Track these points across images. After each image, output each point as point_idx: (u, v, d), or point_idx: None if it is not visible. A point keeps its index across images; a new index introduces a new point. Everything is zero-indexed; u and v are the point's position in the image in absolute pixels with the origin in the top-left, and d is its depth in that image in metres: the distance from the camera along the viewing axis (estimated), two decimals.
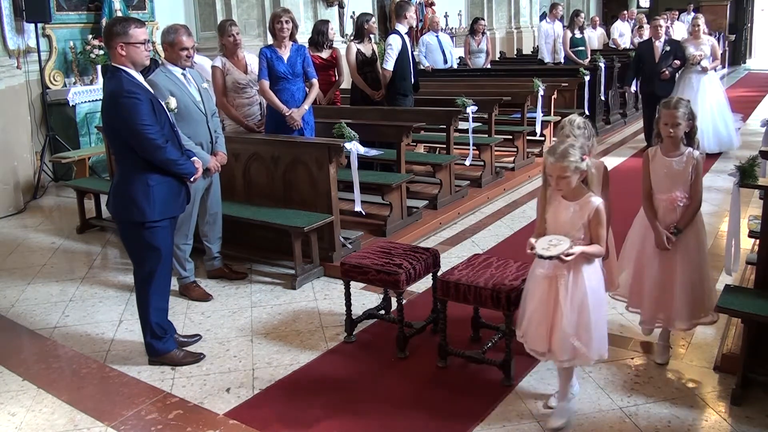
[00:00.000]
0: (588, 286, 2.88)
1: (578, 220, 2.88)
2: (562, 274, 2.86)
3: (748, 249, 4.44)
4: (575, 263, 2.85)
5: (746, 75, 18.47)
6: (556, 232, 2.90)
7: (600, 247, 2.89)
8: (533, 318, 2.96)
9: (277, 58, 5.36)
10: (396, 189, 5.58)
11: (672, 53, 8.31)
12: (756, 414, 2.99)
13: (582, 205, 2.89)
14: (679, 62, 8.25)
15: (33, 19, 7.42)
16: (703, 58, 8.23)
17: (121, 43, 3.33)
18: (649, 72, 8.39)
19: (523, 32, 16.69)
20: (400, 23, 6.92)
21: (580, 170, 2.85)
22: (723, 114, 8.41)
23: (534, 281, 3.00)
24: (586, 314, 2.86)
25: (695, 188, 3.29)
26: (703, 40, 8.40)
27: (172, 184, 3.50)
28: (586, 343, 2.86)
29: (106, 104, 3.43)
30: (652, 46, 8.47)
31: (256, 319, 4.19)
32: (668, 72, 8.22)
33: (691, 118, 3.31)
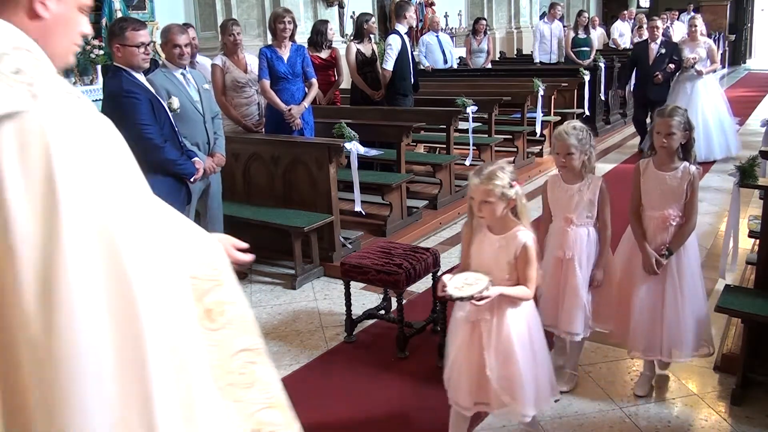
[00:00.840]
0: (515, 333, 2.53)
1: (503, 258, 2.54)
2: (484, 318, 2.54)
3: (748, 249, 4.44)
4: (499, 307, 2.53)
5: (746, 75, 18.47)
6: (480, 269, 2.55)
7: (527, 290, 2.54)
8: (455, 366, 2.63)
9: (277, 58, 5.36)
10: (396, 189, 5.58)
11: (667, 56, 7.94)
12: (756, 414, 2.99)
13: (509, 240, 2.53)
14: (674, 66, 7.87)
15: None
16: (697, 61, 7.83)
17: (117, 44, 3.35)
18: (643, 75, 8.12)
19: (523, 32, 16.68)
20: (400, 23, 6.92)
21: (507, 197, 2.49)
22: (721, 120, 8.01)
23: (455, 324, 2.65)
24: (513, 366, 2.52)
25: (690, 206, 3.00)
26: (699, 42, 8.01)
27: (171, 184, 3.51)
28: (518, 398, 2.53)
29: (106, 103, 3.44)
30: (647, 47, 8.17)
31: (256, 319, 4.17)
32: (661, 76, 7.86)
33: (688, 129, 3.02)
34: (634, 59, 8.46)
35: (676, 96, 7.81)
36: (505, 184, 2.48)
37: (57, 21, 1.35)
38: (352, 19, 8.83)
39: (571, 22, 12.06)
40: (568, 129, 3.01)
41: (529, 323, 2.61)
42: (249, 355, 1.55)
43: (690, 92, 7.87)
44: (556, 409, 3.07)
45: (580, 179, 3.07)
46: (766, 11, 23.61)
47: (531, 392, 2.56)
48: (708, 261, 4.77)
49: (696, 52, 7.84)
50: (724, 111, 8.08)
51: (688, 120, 3.03)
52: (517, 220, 2.57)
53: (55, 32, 1.36)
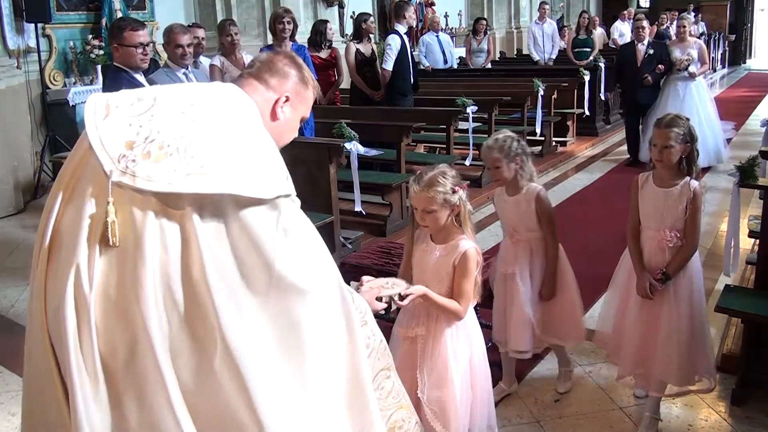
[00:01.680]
0: (451, 354, 2.36)
1: (443, 269, 2.37)
2: (420, 334, 2.40)
3: (748, 249, 4.44)
4: (437, 323, 2.38)
5: (746, 75, 18.47)
6: (422, 281, 2.37)
7: (456, 305, 2.33)
8: None
9: None
10: (396, 189, 5.58)
11: (656, 57, 7.49)
12: (756, 414, 2.99)
13: (449, 250, 2.37)
14: (664, 67, 7.45)
15: (33, 19, 7.42)
16: (690, 62, 7.40)
17: (116, 43, 3.35)
18: (631, 78, 7.62)
19: (523, 32, 16.67)
20: (400, 23, 6.92)
21: (450, 204, 2.34)
22: (712, 125, 7.64)
23: (394, 340, 2.47)
24: (446, 390, 2.34)
25: (691, 227, 2.70)
26: (690, 43, 7.58)
27: None
28: (449, 427, 2.35)
29: None
30: (634, 49, 7.70)
31: None
32: (651, 78, 7.41)
33: (690, 140, 2.73)
34: (620, 61, 8.02)
35: (667, 99, 7.47)
36: (447, 190, 2.32)
37: (287, 123, 1.87)
38: (352, 19, 8.84)
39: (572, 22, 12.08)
40: (490, 142, 2.92)
41: (473, 349, 2.44)
42: (385, 373, 1.94)
43: (683, 95, 7.50)
44: (556, 409, 3.07)
45: (519, 190, 2.95)
46: (766, 11, 23.63)
47: (463, 423, 2.38)
48: (708, 261, 4.77)
49: (688, 53, 7.45)
50: (714, 115, 7.76)
51: (690, 130, 2.76)
52: (459, 228, 2.41)
53: (285, 131, 1.90)
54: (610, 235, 5.06)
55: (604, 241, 5.07)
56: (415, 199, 2.38)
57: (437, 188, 2.32)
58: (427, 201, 2.33)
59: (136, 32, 3.40)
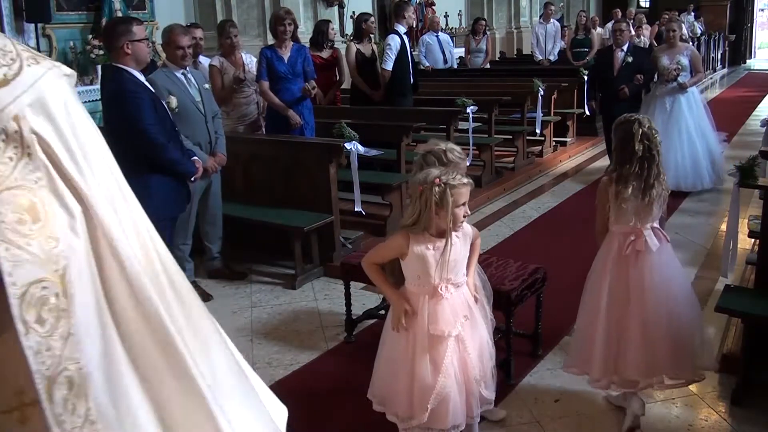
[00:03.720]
0: (485, 328, 2.63)
1: (464, 253, 2.51)
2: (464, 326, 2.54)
3: (748, 249, 4.44)
4: (474, 309, 2.59)
5: (746, 75, 18.47)
6: (453, 273, 2.47)
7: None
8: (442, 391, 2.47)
9: (277, 59, 5.37)
10: (396, 189, 5.58)
11: (635, 66, 6.55)
12: (756, 414, 2.99)
13: (463, 235, 2.50)
14: (642, 77, 6.54)
15: (33, 19, 7.42)
16: (679, 72, 6.41)
17: (127, 41, 3.34)
18: (606, 88, 6.71)
19: (523, 32, 16.68)
20: (399, 23, 6.92)
21: None
22: (706, 144, 6.57)
23: (422, 340, 2.48)
24: (487, 360, 2.60)
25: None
26: (680, 49, 6.58)
27: (172, 184, 3.51)
28: (489, 387, 2.59)
29: (109, 104, 3.44)
30: (611, 55, 6.75)
31: (256, 319, 4.18)
32: (628, 90, 6.48)
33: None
34: (596, 69, 7.15)
35: (653, 114, 6.31)
36: None
37: None
38: (352, 19, 8.84)
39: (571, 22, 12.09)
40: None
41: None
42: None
43: (670, 109, 6.49)
44: (556, 409, 3.07)
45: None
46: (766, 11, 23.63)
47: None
48: (708, 261, 4.78)
49: (677, 61, 6.43)
50: (711, 133, 6.70)
51: (648, 132, 2.71)
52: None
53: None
54: None
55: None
56: (464, 194, 2.38)
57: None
58: (468, 191, 2.39)
59: (140, 26, 3.42)
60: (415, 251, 2.41)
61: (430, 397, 2.40)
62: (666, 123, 6.36)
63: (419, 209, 2.39)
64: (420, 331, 2.45)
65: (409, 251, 2.42)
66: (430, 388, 2.40)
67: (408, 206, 2.48)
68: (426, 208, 2.36)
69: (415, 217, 2.41)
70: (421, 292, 2.46)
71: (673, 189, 5.88)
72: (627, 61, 6.58)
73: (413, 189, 2.43)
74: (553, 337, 3.61)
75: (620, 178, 2.75)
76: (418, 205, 2.39)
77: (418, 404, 2.43)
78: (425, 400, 2.41)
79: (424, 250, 2.41)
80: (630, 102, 6.44)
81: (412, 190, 2.46)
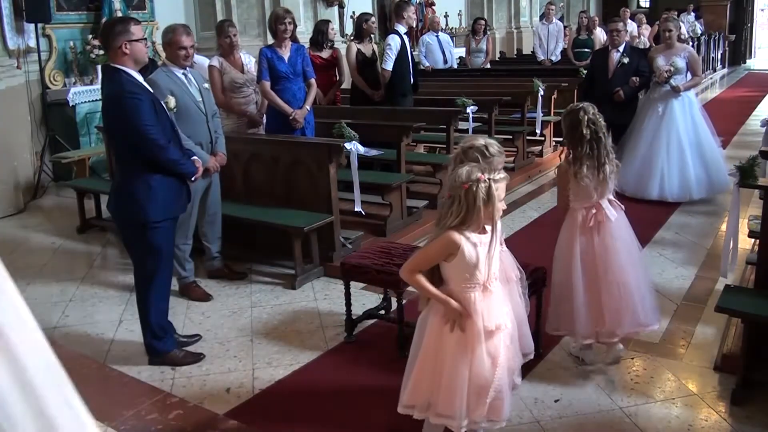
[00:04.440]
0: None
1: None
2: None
3: (748, 249, 4.44)
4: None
5: (746, 75, 18.47)
6: (501, 268, 2.61)
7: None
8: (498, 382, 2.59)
9: (278, 58, 5.37)
10: (396, 189, 5.58)
11: (631, 67, 6.23)
12: (756, 414, 2.99)
13: (496, 230, 2.50)
14: (639, 80, 6.21)
15: (33, 19, 7.42)
16: (672, 74, 6.07)
17: (125, 41, 3.33)
18: (601, 91, 6.27)
19: (523, 32, 16.69)
20: (400, 23, 6.92)
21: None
22: (702, 151, 6.15)
23: (472, 338, 2.53)
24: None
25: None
26: (677, 50, 6.23)
27: (173, 185, 3.50)
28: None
29: (108, 105, 3.43)
30: (606, 57, 6.43)
31: (256, 319, 4.18)
32: (623, 93, 6.20)
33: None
34: (591, 71, 6.78)
35: (645, 118, 6.23)
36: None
37: None
38: (352, 19, 8.84)
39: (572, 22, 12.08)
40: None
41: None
42: None
43: (662, 113, 6.15)
44: (556, 409, 3.07)
45: None
46: (766, 11, 23.62)
47: None
48: (708, 261, 4.78)
49: (672, 63, 6.10)
50: (708, 140, 6.25)
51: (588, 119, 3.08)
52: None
53: None
54: None
55: None
56: (503, 187, 2.43)
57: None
58: (505, 185, 2.46)
59: (138, 26, 3.40)
60: (466, 250, 2.41)
61: (489, 391, 2.47)
62: (656, 129, 6.12)
63: (466, 207, 2.37)
64: (475, 328, 2.46)
65: (459, 251, 2.41)
66: (489, 383, 2.46)
67: (446, 207, 2.43)
68: (474, 206, 2.36)
69: (463, 215, 2.39)
70: (469, 290, 2.47)
71: (657, 199, 5.95)
72: (623, 62, 6.27)
73: (454, 188, 2.40)
74: (553, 337, 3.60)
75: (575, 160, 3.15)
76: (464, 204, 2.37)
77: (476, 400, 2.47)
78: (483, 395, 2.47)
79: (474, 247, 2.43)
80: (625, 106, 6.22)
81: (453, 191, 2.41)
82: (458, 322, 2.46)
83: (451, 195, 2.40)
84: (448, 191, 2.42)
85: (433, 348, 2.55)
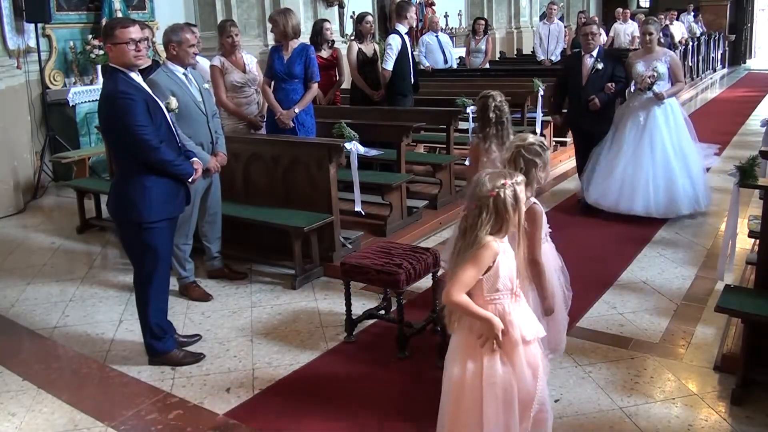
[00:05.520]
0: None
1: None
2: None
3: (748, 249, 4.44)
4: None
5: (746, 75, 18.47)
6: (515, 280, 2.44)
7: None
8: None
9: (278, 58, 5.39)
10: (396, 189, 5.58)
11: (606, 73, 5.75)
12: (756, 414, 2.99)
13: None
14: (614, 86, 5.73)
15: (33, 19, 7.42)
16: (655, 80, 5.57)
17: (109, 43, 3.34)
18: (574, 99, 5.92)
19: (523, 32, 16.69)
20: (400, 23, 6.92)
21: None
22: (686, 164, 5.69)
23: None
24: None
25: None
26: (657, 55, 5.73)
27: (169, 185, 3.49)
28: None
29: (102, 105, 3.43)
30: (580, 62, 5.91)
31: (256, 319, 4.18)
32: (598, 101, 5.68)
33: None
34: (563, 77, 6.20)
35: (625, 129, 5.74)
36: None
37: None
38: (352, 19, 8.84)
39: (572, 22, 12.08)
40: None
41: None
42: None
43: (644, 123, 5.69)
44: (556, 409, 3.07)
45: None
46: (766, 11, 23.62)
47: None
48: (708, 261, 4.78)
49: (653, 68, 5.61)
50: (692, 151, 5.82)
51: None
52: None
53: None
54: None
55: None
56: (524, 189, 2.45)
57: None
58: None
59: (126, 29, 3.37)
60: (502, 259, 2.35)
61: (533, 404, 2.38)
62: (638, 139, 5.67)
63: (495, 214, 2.30)
64: (513, 341, 2.37)
65: (496, 261, 2.34)
66: (532, 396, 2.38)
67: (471, 217, 2.32)
68: (505, 212, 2.30)
69: (494, 223, 2.31)
70: (498, 301, 2.38)
71: (642, 215, 5.65)
72: (596, 68, 5.76)
73: (481, 198, 2.31)
74: None
75: (485, 138, 3.78)
76: (492, 212, 2.30)
77: (522, 416, 2.38)
78: (528, 409, 2.38)
79: (508, 254, 2.38)
80: (600, 114, 5.74)
81: (480, 200, 2.31)
82: (497, 340, 2.33)
83: (477, 205, 2.31)
84: (473, 202, 2.32)
85: (467, 375, 2.40)
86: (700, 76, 16.54)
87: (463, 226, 2.35)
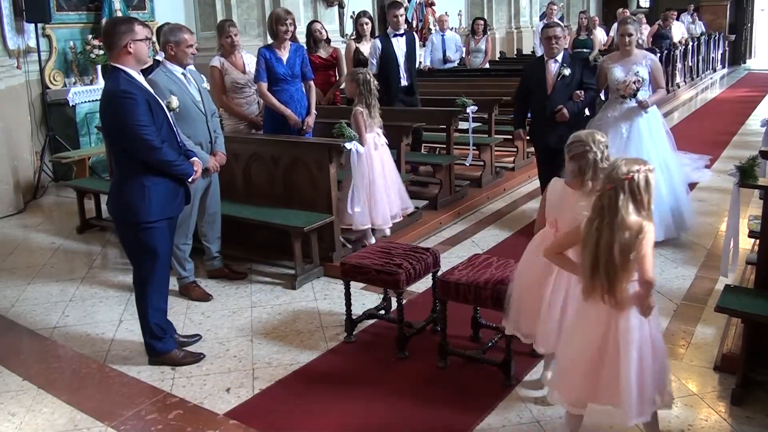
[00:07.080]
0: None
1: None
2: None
3: (748, 249, 4.44)
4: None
5: (746, 75, 18.47)
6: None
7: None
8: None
9: (276, 60, 5.36)
10: None
11: (574, 80, 5.10)
12: (756, 414, 2.99)
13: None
14: (583, 93, 5.08)
15: (33, 19, 7.42)
16: (640, 85, 4.97)
17: (130, 40, 3.33)
18: (538, 110, 5.24)
19: (523, 32, 16.68)
20: (389, 26, 6.90)
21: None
22: (672, 183, 5.07)
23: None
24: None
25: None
26: (637, 58, 5.10)
27: (169, 185, 3.49)
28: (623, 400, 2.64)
29: (103, 104, 3.43)
30: (543, 68, 5.21)
31: (256, 319, 4.18)
32: (567, 111, 5.04)
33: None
34: (524, 87, 5.44)
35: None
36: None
37: None
38: (352, 19, 8.84)
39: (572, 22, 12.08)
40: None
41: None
42: None
43: (627, 137, 5.05)
44: (556, 409, 3.07)
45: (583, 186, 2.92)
46: (766, 11, 23.62)
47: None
48: (708, 261, 4.78)
49: (636, 73, 4.99)
50: (674, 163, 5.21)
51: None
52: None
53: None
54: None
55: None
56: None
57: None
58: None
59: (141, 26, 3.41)
60: None
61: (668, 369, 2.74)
62: (624, 153, 4.71)
63: (634, 197, 2.47)
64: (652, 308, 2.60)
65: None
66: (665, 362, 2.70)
67: (607, 198, 2.48)
68: (639, 194, 2.47)
69: (634, 205, 2.48)
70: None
71: None
72: (562, 74, 5.08)
73: (617, 180, 2.46)
74: None
75: (366, 107, 5.05)
76: (628, 194, 2.46)
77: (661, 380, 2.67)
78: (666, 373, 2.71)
79: None
80: (569, 126, 4.51)
81: (615, 182, 2.46)
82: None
83: (612, 186, 2.46)
84: (607, 183, 2.48)
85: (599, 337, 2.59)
86: (700, 76, 16.53)
87: (600, 204, 2.50)
